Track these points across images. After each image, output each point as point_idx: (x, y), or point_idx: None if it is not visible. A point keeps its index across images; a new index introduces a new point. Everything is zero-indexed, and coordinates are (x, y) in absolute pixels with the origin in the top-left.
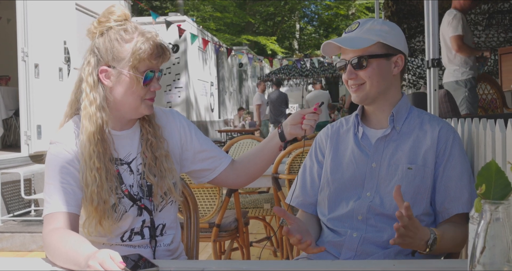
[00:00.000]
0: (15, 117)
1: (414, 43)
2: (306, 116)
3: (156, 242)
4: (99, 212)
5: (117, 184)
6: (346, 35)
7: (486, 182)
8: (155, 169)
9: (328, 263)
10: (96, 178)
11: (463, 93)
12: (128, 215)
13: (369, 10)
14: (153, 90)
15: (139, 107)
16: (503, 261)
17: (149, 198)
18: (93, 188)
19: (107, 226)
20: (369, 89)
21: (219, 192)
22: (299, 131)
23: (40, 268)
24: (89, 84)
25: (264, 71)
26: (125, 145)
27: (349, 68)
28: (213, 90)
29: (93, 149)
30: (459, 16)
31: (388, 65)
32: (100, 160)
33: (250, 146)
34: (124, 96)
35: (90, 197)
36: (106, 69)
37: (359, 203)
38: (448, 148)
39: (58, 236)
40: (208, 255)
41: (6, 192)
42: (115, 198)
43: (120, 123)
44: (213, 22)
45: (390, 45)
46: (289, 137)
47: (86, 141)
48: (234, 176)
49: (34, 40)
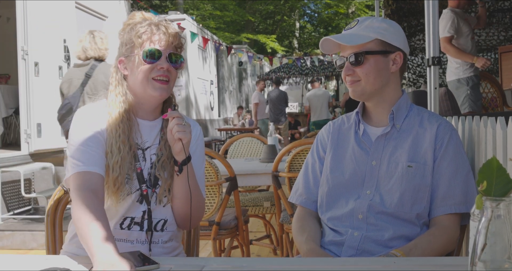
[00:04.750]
0: (15, 115)
1: (414, 41)
2: (172, 130)
3: (152, 235)
4: (117, 183)
5: (134, 162)
6: (345, 32)
7: (487, 179)
8: (168, 166)
9: (328, 261)
10: (121, 149)
11: (465, 92)
12: (130, 197)
13: (369, 9)
14: (160, 69)
15: (147, 88)
16: (504, 258)
17: (153, 188)
18: (116, 159)
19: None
20: (365, 85)
21: (219, 190)
22: (178, 144)
23: (40, 266)
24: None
25: (264, 69)
26: (144, 133)
27: (346, 64)
28: (213, 89)
29: (118, 124)
30: (450, 15)
31: (385, 62)
32: (125, 134)
33: (250, 144)
34: (135, 78)
35: (112, 167)
36: (122, 60)
37: (359, 201)
38: (444, 144)
39: (83, 207)
40: (208, 253)
41: (6, 190)
42: (131, 175)
43: (142, 112)
44: (213, 21)
45: (388, 43)
46: (177, 156)
47: (112, 116)
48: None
49: (34, 38)
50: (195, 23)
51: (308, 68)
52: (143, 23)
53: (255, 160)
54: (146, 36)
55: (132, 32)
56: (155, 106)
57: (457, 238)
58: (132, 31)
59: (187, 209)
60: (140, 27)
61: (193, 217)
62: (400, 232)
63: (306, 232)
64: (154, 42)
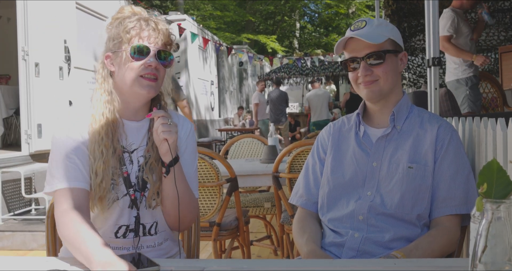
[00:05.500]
0: (15, 116)
1: (415, 42)
2: (157, 130)
3: (147, 239)
4: (101, 189)
5: (119, 166)
6: (359, 32)
7: (487, 181)
8: (156, 168)
9: (329, 262)
10: (104, 153)
11: (464, 92)
12: (118, 203)
13: (369, 9)
14: (149, 66)
15: (134, 85)
16: (504, 260)
17: (141, 192)
18: (99, 163)
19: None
20: (383, 84)
21: (220, 191)
22: (164, 145)
23: (40, 267)
24: (100, 74)
25: (265, 70)
26: (130, 134)
27: (363, 64)
28: (213, 89)
29: (102, 127)
30: (450, 14)
31: (397, 62)
32: (108, 137)
33: (250, 144)
34: (122, 75)
35: (95, 172)
36: (108, 55)
37: (360, 203)
38: (444, 146)
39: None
40: (209, 254)
41: (7, 190)
42: (117, 179)
43: (129, 112)
44: (213, 21)
45: (397, 42)
46: (164, 157)
47: (96, 119)
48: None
49: (35, 39)
50: (195, 23)
51: (308, 69)
52: (132, 18)
53: (256, 161)
54: (134, 32)
55: (120, 27)
56: (142, 105)
57: (457, 239)
58: (120, 25)
59: (177, 211)
60: (129, 22)
61: (185, 219)
62: (401, 233)
63: (306, 233)
64: (143, 38)
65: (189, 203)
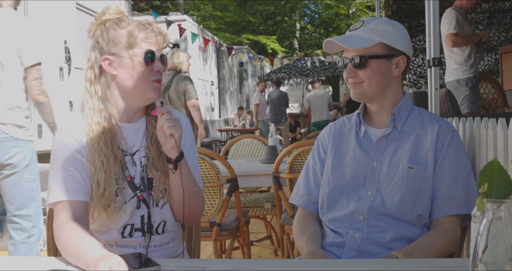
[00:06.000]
0: None
1: (415, 42)
2: (162, 126)
3: (154, 239)
4: (105, 198)
5: (122, 171)
6: (349, 34)
7: (488, 180)
8: (159, 164)
9: (329, 262)
10: (104, 163)
11: (464, 92)
12: (127, 206)
13: (369, 9)
14: (157, 71)
15: (146, 90)
16: (505, 260)
17: (149, 191)
18: (100, 173)
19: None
20: (366, 88)
21: (220, 191)
22: (170, 141)
23: (40, 267)
24: (89, 79)
25: (265, 70)
26: (129, 137)
27: (349, 66)
28: (213, 90)
29: (99, 136)
30: (453, 14)
31: (388, 66)
32: (108, 146)
33: (251, 145)
34: (130, 80)
35: (97, 182)
36: (107, 58)
37: (360, 203)
38: (445, 146)
39: (70, 232)
40: (209, 254)
41: None
42: (121, 184)
43: (127, 115)
44: (214, 22)
45: (392, 47)
46: (170, 154)
47: (93, 129)
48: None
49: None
50: (195, 24)
51: (308, 69)
52: (132, 21)
53: (256, 161)
54: (142, 36)
55: (119, 30)
56: (143, 107)
57: (458, 240)
58: (117, 27)
59: (189, 204)
60: (135, 26)
61: (194, 211)
62: (401, 233)
63: (306, 234)
64: (150, 44)
65: (197, 194)
